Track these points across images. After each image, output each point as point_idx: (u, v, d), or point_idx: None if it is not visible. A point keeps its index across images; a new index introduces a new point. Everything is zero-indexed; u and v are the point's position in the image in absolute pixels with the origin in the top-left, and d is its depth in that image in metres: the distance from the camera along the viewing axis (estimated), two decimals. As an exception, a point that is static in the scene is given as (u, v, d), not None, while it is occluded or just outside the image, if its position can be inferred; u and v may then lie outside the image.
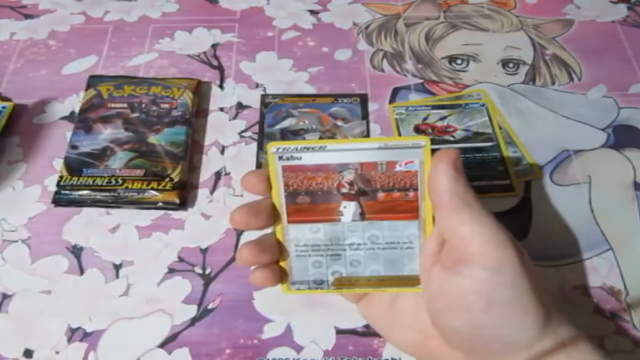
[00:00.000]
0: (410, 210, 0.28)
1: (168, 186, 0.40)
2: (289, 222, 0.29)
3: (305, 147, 0.27)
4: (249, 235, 0.40)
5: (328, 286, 0.30)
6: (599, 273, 0.38)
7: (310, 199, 0.28)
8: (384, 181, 0.28)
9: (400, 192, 0.28)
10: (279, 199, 0.28)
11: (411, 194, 0.28)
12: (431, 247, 0.28)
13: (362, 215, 0.28)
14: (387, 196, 0.28)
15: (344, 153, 0.27)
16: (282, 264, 0.30)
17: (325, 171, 0.27)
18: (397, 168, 0.27)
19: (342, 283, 0.30)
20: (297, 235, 0.29)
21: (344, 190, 0.28)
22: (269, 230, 0.30)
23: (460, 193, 0.26)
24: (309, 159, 0.27)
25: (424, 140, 0.26)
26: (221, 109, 0.47)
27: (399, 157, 0.27)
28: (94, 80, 0.47)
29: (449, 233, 0.26)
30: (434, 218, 0.28)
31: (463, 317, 0.26)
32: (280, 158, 0.27)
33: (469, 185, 0.26)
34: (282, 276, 0.30)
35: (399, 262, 0.29)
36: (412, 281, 0.29)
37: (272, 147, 0.27)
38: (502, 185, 0.42)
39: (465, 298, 0.25)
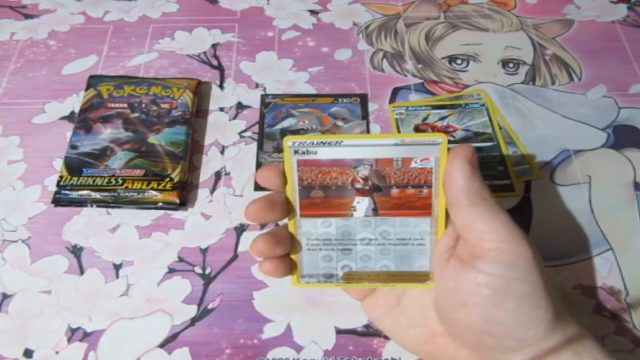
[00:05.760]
0: (423, 207, 0.28)
1: (168, 186, 0.40)
2: (302, 215, 0.29)
3: (321, 142, 0.27)
4: (249, 235, 0.40)
5: (337, 280, 0.30)
6: (599, 273, 0.38)
7: (323, 194, 0.28)
8: (399, 177, 0.28)
9: (414, 189, 0.28)
10: (293, 192, 0.28)
11: (425, 190, 0.28)
12: (446, 243, 0.28)
13: (375, 211, 0.28)
14: (401, 192, 0.28)
15: (360, 148, 0.27)
16: (292, 256, 0.30)
17: (340, 166, 0.28)
18: (413, 165, 0.27)
19: (351, 277, 0.30)
20: (309, 229, 0.29)
21: (358, 186, 0.28)
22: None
23: (477, 189, 0.26)
24: (324, 153, 0.27)
25: (440, 138, 0.26)
26: (221, 109, 0.47)
27: (415, 153, 0.27)
28: (94, 80, 0.47)
29: (464, 229, 0.26)
30: (447, 214, 0.28)
31: (476, 312, 0.26)
32: (296, 152, 0.27)
33: (484, 181, 0.26)
34: (291, 268, 0.30)
35: (409, 258, 0.29)
36: (421, 277, 0.29)
37: (288, 140, 0.27)
38: (503, 185, 0.42)
39: (480, 293, 0.25)
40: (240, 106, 0.47)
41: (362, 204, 0.28)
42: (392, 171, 0.27)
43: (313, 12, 0.55)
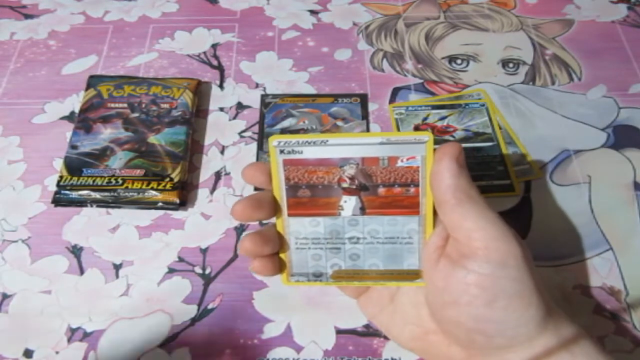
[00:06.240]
0: (411, 206, 0.28)
1: (168, 186, 0.40)
2: (290, 215, 0.29)
3: (306, 141, 0.27)
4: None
5: (327, 279, 0.30)
6: (599, 273, 0.38)
7: (310, 193, 0.28)
8: (386, 176, 0.28)
9: (401, 188, 0.28)
10: (280, 192, 0.28)
11: (412, 189, 0.28)
12: (435, 242, 0.28)
13: (363, 210, 0.28)
14: (388, 191, 0.28)
15: (346, 147, 0.27)
16: (282, 255, 0.30)
17: (327, 165, 0.28)
18: (399, 163, 0.27)
19: (341, 276, 0.30)
20: (298, 228, 0.29)
21: (345, 185, 0.28)
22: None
23: (464, 187, 0.26)
24: (310, 153, 0.27)
25: (426, 136, 0.26)
26: (221, 109, 0.47)
27: (401, 152, 0.27)
28: (94, 80, 0.47)
29: (453, 227, 0.26)
30: (435, 213, 0.28)
31: (466, 311, 0.26)
32: (282, 152, 0.27)
33: (471, 180, 0.26)
34: (281, 267, 0.30)
35: (398, 256, 0.29)
36: (411, 276, 0.29)
37: (273, 140, 0.27)
38: (503, 185, 0.42)
39: (469, 292, 0.25)
40: (240, 106, 0.47)
41: (349, 203, 0.28)
42: (379, 170, 0.27)
43: (313, 12, 0.55)
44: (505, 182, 0.42)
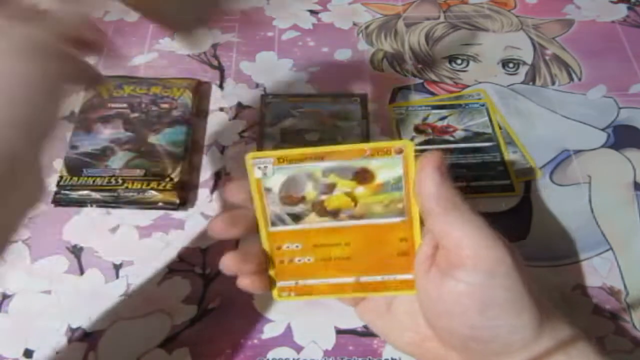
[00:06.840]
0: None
1: (168, 186, 0.40)
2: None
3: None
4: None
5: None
6: (599, 273, 0.38)
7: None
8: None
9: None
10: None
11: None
12: (426, 251, 0.28)
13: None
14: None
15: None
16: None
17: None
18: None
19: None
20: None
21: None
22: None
23: (448, 196, 0.26)
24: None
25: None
26: (221, 109, 0.47)
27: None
28: (94, 80, 0.47)
29: (440, 237, 0.26)
30: (422, 222, 0.28)
31: (459, 320, 0.26)
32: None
33: (455, 187, 0.26)
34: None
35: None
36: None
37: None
38: (502, 185, 0.42)
39: (461, 302, 0.25)
40: (240, 106, 0.47)
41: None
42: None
43: (313, 12, 0.55)
44: (505, 182, 0.42)
